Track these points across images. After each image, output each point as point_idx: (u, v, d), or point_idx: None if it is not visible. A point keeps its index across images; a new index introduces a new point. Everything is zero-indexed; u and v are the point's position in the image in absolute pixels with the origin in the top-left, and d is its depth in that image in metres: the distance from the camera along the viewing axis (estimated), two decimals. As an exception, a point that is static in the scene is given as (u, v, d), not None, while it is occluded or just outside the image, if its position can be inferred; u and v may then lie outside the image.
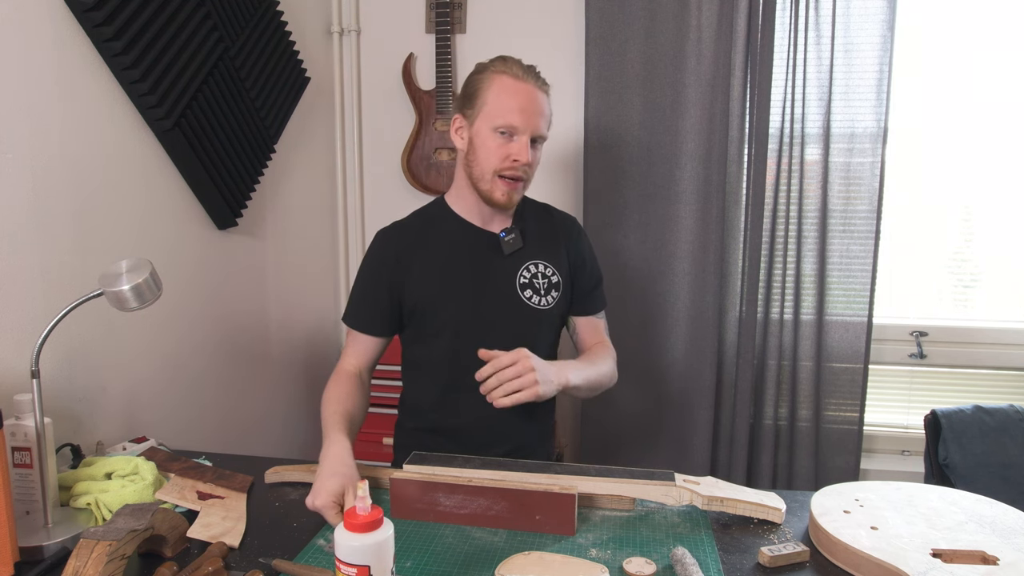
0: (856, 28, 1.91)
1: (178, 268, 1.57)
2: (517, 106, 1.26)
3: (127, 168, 1.41)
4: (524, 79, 1.28)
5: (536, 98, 1.28)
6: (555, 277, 1.39)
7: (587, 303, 1.47)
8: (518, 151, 1.27)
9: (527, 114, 1.26)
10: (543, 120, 1.30)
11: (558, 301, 1.39)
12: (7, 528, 0.89)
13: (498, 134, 1.27)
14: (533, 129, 1.28)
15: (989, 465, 1.73)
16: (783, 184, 1.99)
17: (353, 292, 1.41)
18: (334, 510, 1.00)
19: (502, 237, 1.35)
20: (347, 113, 2.29)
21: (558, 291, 1.39)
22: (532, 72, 1.30)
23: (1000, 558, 0.86)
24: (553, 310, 1.38)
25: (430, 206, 1.44)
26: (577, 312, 1.47)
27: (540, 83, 1.30)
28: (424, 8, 2.22)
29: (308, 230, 2.16)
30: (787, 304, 2.02)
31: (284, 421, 2.05)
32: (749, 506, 1.04)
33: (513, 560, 0.89)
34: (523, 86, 1.27)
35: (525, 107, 1.26)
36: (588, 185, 2.09)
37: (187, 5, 1.49)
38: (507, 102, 1.26)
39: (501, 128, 1.27)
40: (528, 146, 1.28)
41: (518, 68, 1.29)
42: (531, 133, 1.28)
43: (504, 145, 1.27)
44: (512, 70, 1.29)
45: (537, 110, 1.28)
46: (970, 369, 2.13)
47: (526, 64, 1.31)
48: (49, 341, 1.02)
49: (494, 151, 1.28)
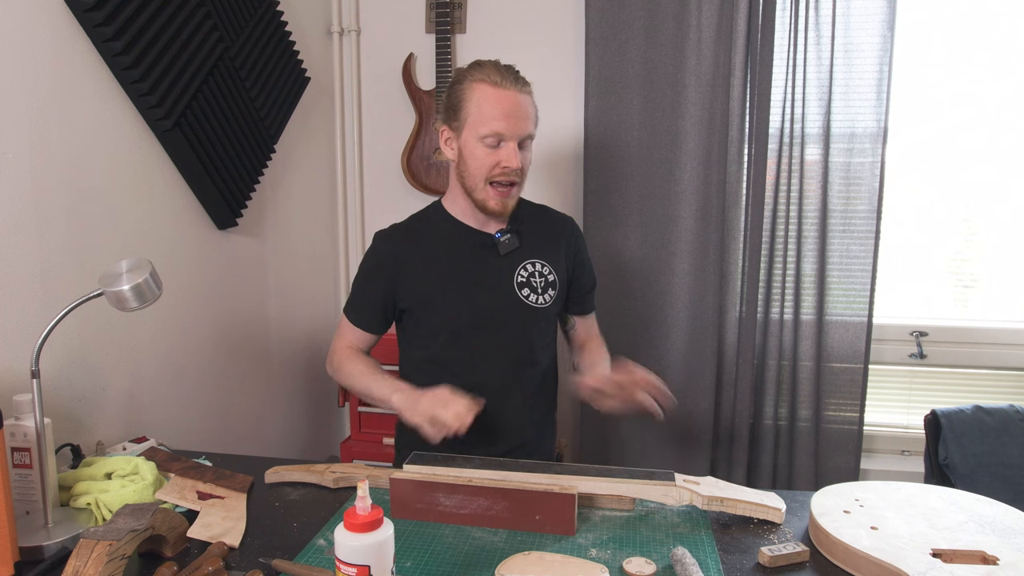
0: (856, 28, 1.91)
1: (178, 268, 1.57)
2: (500, 113, 1.25)
3: (127, 168, 1.42)
4: (503, 85, 1.26)
5: (518, 102, 1.26)
6: (552, 276, 1.39)
7: (585, 303, 1.50)
8: (507, 158, 1.26)
9: (511, 120, 1.25)
10: (529, 121, 1.29)
11: (555, 299, 1.39)
12: (7, 528, 0.89)
13: (485, 143, 1.26)
14: (519, 133, 1.26)
15: (989, 465, 1.73)
16: (783, 184, 1.99)
17: (352, 291, 1.44)
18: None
19: (497, 238, 1.36)
20: (347, 113, 2.29)
21: (555, 290, 1.39)
22: (511, 75, 1.28)
23: (1000, 558, 0.86)
24: (551, 308, 1.39)
25: (427, 209, 1.45)
26: (576, 312, 1.49)
27: (520, 85, 1.28)
28: (424, 8, 2.22)
29: (308, 230, 2.16)
30: (787, 304, 2.02)
31: (284, 421, 2.05)
32: (749, 506, 1.04)
33: (513, 560, 0.89)
34: (503, 92, 1.26)
35: (509, 113, 1.25)
36: (588, 185, 2.09)
37: (187, 5, 1.49)
38: (489, 111, 1.25)
39: (488, 137, 1.26)
40: (516, 151, 1.27)
41: (496, 74, 1.27)
42: (518, 137, 1.27)
43: (493, 153, 1.27)
44: (491, 77, 1.26)
45: (521, 114, 1.26)
46: (970, 369, 2.13)
47: (504, 65, 1.29)
48: (49, 341, 1.02)
49: (483, 160, 1.28)
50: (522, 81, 1.29)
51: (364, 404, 2.11)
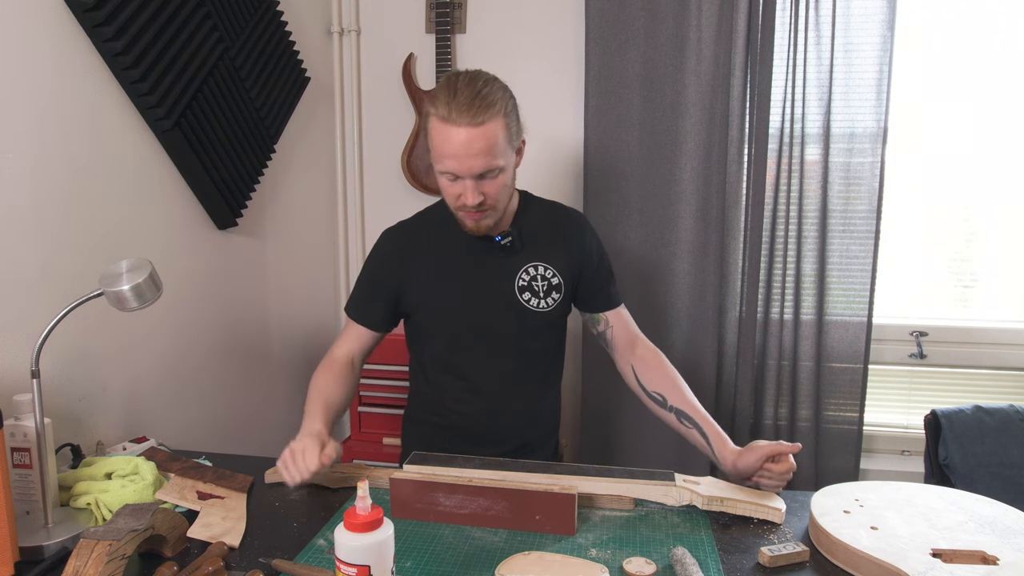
0: (856, 28, 1.91)
1: (178, 268, 1.57)
2: (450, 152, 1.18)
3: (127, 168, 1.41)
4: (451, 120, 1.16)
5: (467, 140, 1.16)
6: (555, 279, 1.37)
7: (608, 297, 1.43)
8: (462, 192, 1.21)
9: (459, 159, 1.17)
10: (486, 157, 1.17)
11: (559, 303, 1.37)
12: (7, 528, 0.89)
13: (445, 177, 1.23)
14: (469, 171, 1.18)
15: (989, 465, 1.73)
16: (783, 184, 1.99)
17: (356, 285, 1.42)
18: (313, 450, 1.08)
19: (498, 241, 1.35)
20: (347, 113, 2.29)
21: (559, 293, 1.37)
22: (464, 108, 1.15)
23: (1000, 558, 0.86)
24: (553, 312, 1.37)
25: (433, 208, 1.43)
26: (602, 307, 1.43)
27: (472, 116, 1.15)
28: (424, 8, 2.22)
29: (308, 230, 2.16)
30: (787, 304, 2.02)
31: (284, 421, 2.05)
32: (749, 506, 1.04)
33: (513, 560, 0.89)
34: (452, 130, 1.16)
35: (457, 152, 1.17)
36: (588, 185, 2.09)
37: (187, 5, 1.49)
38: (440, 148, 1.20)
39: (444, 174, 1.22)
40: (472, 188, 1.20)
41: (444, 107, 1.16)
42: (469, 175, 1.19)
43: (452, 186, 1.23)
44: (439, 111, 1.17)
45: (471, 152, 1.16)
46: (970, 369, 2.13)
47: (461, 93, 1.17)
48: (49, 341, 1.02)
49: (447, 190, 1.24)
50: (478, 111, 1.15)
51: (364, 404, 2.11)
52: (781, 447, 1.10)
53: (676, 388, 1.31)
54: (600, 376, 2.14)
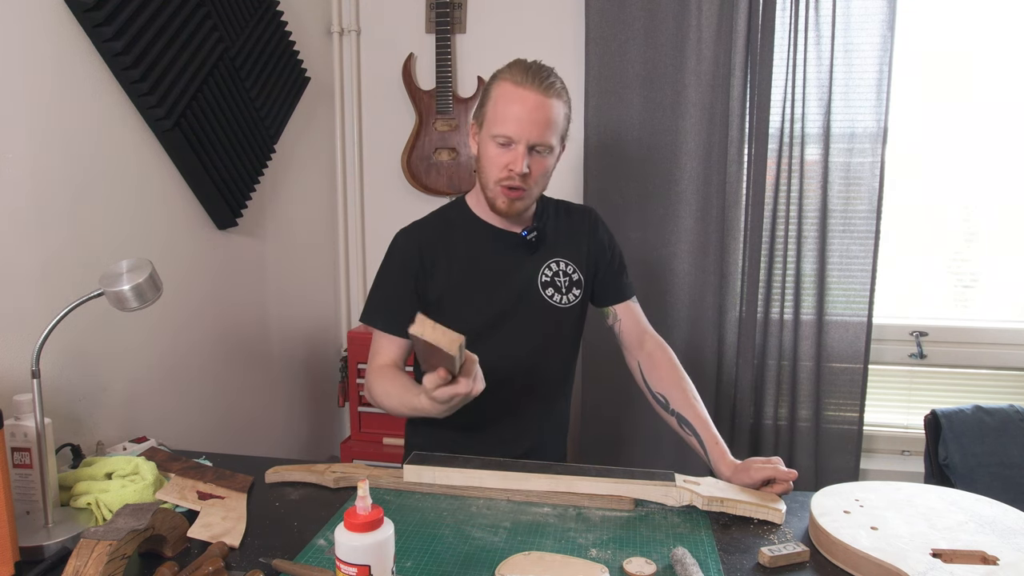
0: (856, 28, 1.91)
1: (178, 268, 1.57)
2: (512, 115, 1.20)
3: (127, 168, 1.41)
4: (524, 84, 1.20)
5: (536, 105, 1.20)
6: (576, 275, 1.37)
7: (621, 288, 1.42)
8: (512, 160, 1.21)
9: (522, 123, 1.20)
10: (545, 129, 1.21)
11: (580, 299, 1.37)
12: (7, 528, 0.89)
13: (497, 143, 1.23)
14: (528, 138, 1.20)
15: (989, 465, 1.73)
16: (783, 184, 1.99)
17: (375, 292, 1.36)
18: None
19: (524, 236, 1.33)
20: (347, 113, 2.29)
21: (580, 288, 1.37)
22: (538, 76, 1.21)
23: (1000, 558, 0.86)
24: (575, 308, 1.36)
25: (450, 207, 1.41)
26: (615, 299, 1.42)
27: (545, 87, 1.21)
28: (424, 8, 2.22)
29: (308, 230, 2.16)
30: (787, 304, 2.02)
31: (284, 421, 2.05)
32: (749, 506, 1.04)
33: (513, 560, 0.89)
34: (522, 92, 1.20)
35: (521, 116, 1.20)
36: (588, 185, 2.09)
37: (187, 5, 1.49)
38: (503, 110, 1.21)
39: (498, 137, 1.22)
40: (523, 155, 1.20)
41: (520, 73, 1.21)
42: (526, 142, 1.20)
43: (502, 154, 1.23)
44: (514, 76, 1.21)
45: (536, 118, 1.20)
46: (970, 369, 2.13)
47: (536, 67, 1.23)
48: (49, 341, 1.02)
49: (494, 160, 1.24)
50: (549, 84, 1.21)
51: (364, 404, 2.11)
52: (778, 473, 1.09)
53: (680, 390, 1.30)
54: (601, 375, 2.14)
